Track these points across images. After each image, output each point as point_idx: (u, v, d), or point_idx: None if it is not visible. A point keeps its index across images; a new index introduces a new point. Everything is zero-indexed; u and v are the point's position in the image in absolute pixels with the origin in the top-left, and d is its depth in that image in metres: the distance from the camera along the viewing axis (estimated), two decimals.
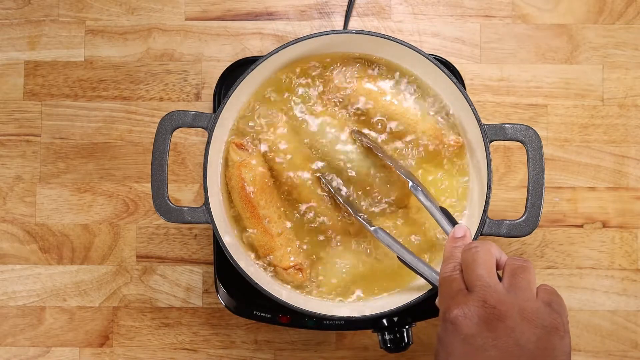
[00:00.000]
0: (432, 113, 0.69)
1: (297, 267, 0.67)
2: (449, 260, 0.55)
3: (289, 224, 0.68)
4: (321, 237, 0.68)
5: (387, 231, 0.63)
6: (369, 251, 0.68)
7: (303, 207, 0.68)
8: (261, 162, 0.68)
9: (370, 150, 0.67)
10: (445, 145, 0.68)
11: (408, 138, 0.68)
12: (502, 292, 0.48)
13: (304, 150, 0.68)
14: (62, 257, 0.81)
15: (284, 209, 0.68)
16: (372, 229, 0.63)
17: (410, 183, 0.63)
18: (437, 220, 0.62)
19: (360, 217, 0.64)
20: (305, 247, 0.68)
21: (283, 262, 0.67)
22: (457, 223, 0.61)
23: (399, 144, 0.68)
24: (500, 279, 0.51)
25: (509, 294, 0.48)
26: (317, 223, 0.68)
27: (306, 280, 0.67)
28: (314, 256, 0.68)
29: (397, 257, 0.61)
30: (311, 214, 0.68)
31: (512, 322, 0.46)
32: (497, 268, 0.53)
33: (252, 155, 0.67)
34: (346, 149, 0.68)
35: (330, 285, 0.68)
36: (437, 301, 0.56)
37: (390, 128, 0.68)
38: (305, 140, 0.68)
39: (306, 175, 0.67)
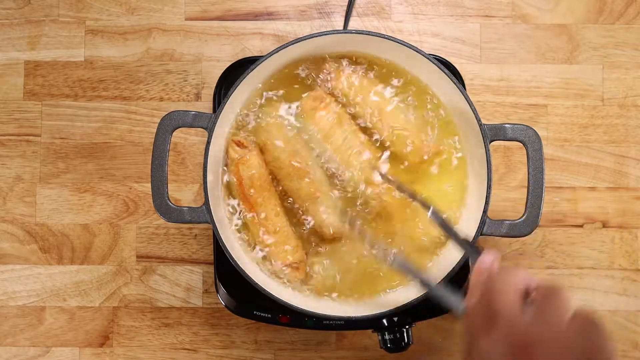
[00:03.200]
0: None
1: (293, 265, 0.67)
2: (474, 290, 0.52)
3: (286, 222, 0.68)
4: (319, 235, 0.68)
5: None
6: (368, 251, 0.68)
7: (301, 205, 0.67)
8: (259, 160, 0.68)
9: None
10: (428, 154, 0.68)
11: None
12: (527, 323, 0.45)
13: (301, 149, 0.68)
14: (62, 257, 0.81)
15: (281, 207, 0.68)
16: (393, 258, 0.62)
17: (430, 212, 0.63)
18: (462, 248, 0.61)
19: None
20: (303, 245, 0.68)
21: (280, 260, 0.67)
22: (481, 250, 0.57)
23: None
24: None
25: (536, 324, 0.45)
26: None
27: (303, 278, 0.67)
28: (313, 255, 0.68)
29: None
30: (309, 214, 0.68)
31: (540, 353, 0.43)
32: (528, 294, 0.50)
33: (251, 153, 0.67)
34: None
35: (330, 285, 0.68)
36: (463, 330, 0.53)
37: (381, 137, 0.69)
38: (305, 137, 0.68)
39: (308, 169, 0.67)
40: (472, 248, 0.61)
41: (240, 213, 0.68)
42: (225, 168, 0.68)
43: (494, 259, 0.54)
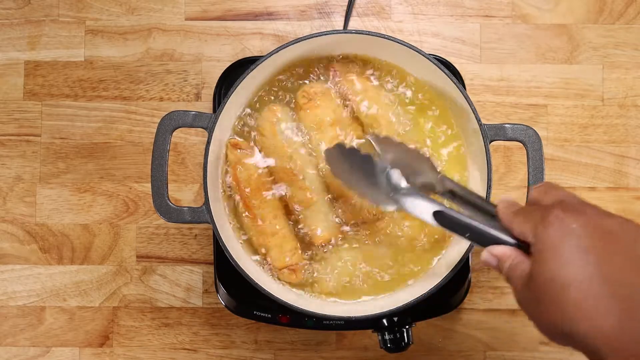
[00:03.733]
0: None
1: (291, 267, 0.67)
2: (516, 204, 0.51)
3: (284, 224, 0.67)
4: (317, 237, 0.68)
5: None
6: (367, 250, 0.68)
7: (298, 207, 0.67)
8: (257, 162, 0.67)
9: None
10: None
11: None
12: (587, 203, 0.47)
13: (298, 151, 0.68)
14: (62, 257, 0.81)
15: (280, 209, 0.68)
16: (405, 186, 0.56)
17: (439, 170, 0.59)
18: (475, 204, 0.56)
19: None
20: (301, 247, 0.68)
21: (278, 262, 0.66)
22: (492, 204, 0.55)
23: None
24: None
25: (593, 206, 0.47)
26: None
27: (300, 280, 0.67)
28: (311, 256, 0.68)
29: (434, 217, 0.53)
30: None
31: (610, 219, 0.44)
32: None
33: (249, 154, 0.67)
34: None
35: (330, 285, 0.68)
36: (486, 253, 0.50)
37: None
38: (304, 140, 0.68)
39: (301, 175, 0.67)
40: (486, 203, 0.55)
41: (240, 213, 0.68)
42: (226, 168, 0.68)
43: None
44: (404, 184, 0.56)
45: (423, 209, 0.54)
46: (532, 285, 0.45)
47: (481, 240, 0.51)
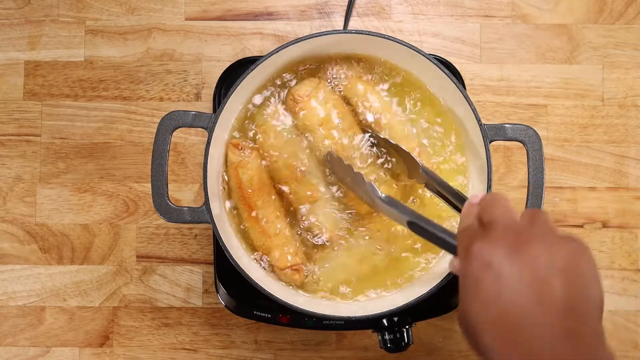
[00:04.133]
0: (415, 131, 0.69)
1: (294, 267, 0.67)
2: (467, 216, 0.53)
3: (286, 224, 0.67)
4: (319, 237, 0.68)
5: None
6: (368, 250, 0.68)
7: (300, 207, 0.67)
8: (258, 163, 0.67)
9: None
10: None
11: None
12: (522, 224, 0.47)
13: (299, 151, 0.68)
14: (62, 257, 0.81)
15: (281, 209, 0.68)
16: (382, 195, 0.59)
17: (421, 166, 0.63)
18: (449, 199, 0.61)
19: (368, 187, 0.60)
20: (303, 247, 0.68)
21: (280, 262, 0.66)
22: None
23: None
24: None
25: (529, 227, 0.47)
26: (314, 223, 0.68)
27: (303, 280, 0.67)
28: (313, 256, 0.68)
29: (408, 226, 0.56)
30: (309, 215, 0.68)
31: (535, 246, 0.44)
32: None
33: (250, 155, 0.67)
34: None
35: (330, 285, 0.68)
36: (451, 262, 0.54)
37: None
38: (304, 144, 0.68)
39: (302, 173, 0.67)
40: (463, 199, 0.60)
41: (240, 214, 0.68)
42: (225, 170, 0.68)
43: (481, 195, 0.55)
44: (379, 193, 0.59)
45: (398, 217, 0.57)
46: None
47: (449, 249, 0.53)
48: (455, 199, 0.61)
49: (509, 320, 0.42)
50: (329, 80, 0.69)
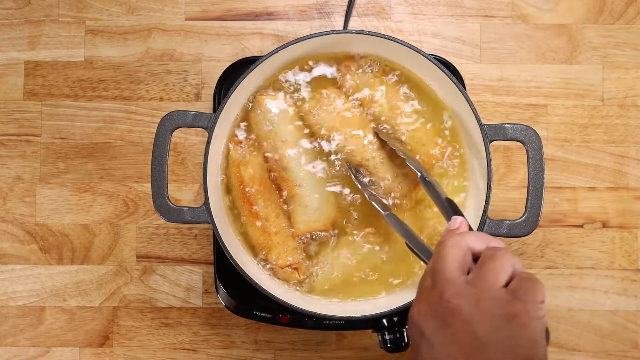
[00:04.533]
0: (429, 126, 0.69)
1: (293, 266, 0.67)
2: (442, 243, 0.52)
3: (286, 223, 0.67)
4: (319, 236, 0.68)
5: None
6: (368, 250, 0.68)
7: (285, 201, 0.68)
8: (260, 161, 0.68)
9: (384, 143, 0.67)
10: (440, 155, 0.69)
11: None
12: (461, 285, 0.45)
13: (305, 149, 0.68)
14: (62, 257, 0.81)
15: (282, 207, 0.68)
16: (385, 213, 0.63)
17: (419, 175, 0.63)
18: (441, 212, 0.61)
19: (375, 203, 0.64)
20: (302, 246, 0.68)
21: (280, 260, 0.67)
22: (460, 215, 0.59)
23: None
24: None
25: (469, 286, 0.45)
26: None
27: (302, 279, 0.67)
28: (313, 255, 0.68)
29: (406, 244, 0.60)
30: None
31: (467, 314, 0.44)
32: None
33: (252, 153, 0.67)
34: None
35: (330, 285, 0.68)
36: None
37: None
38: (304, 142, 0.68)
39: (302, 173, 0.67)
40: (453, 209, 0.60)
41: (239, 213, 0.68)
42: (225, 169, 0.68)
43: (463, 222, 0.54)
44: (367, 193, 0.65)
45: (379, 211, 0.64)
46: None
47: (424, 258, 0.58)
48: (445, 216, 0.61)
49: None
50: (346, 83, 0.69)
